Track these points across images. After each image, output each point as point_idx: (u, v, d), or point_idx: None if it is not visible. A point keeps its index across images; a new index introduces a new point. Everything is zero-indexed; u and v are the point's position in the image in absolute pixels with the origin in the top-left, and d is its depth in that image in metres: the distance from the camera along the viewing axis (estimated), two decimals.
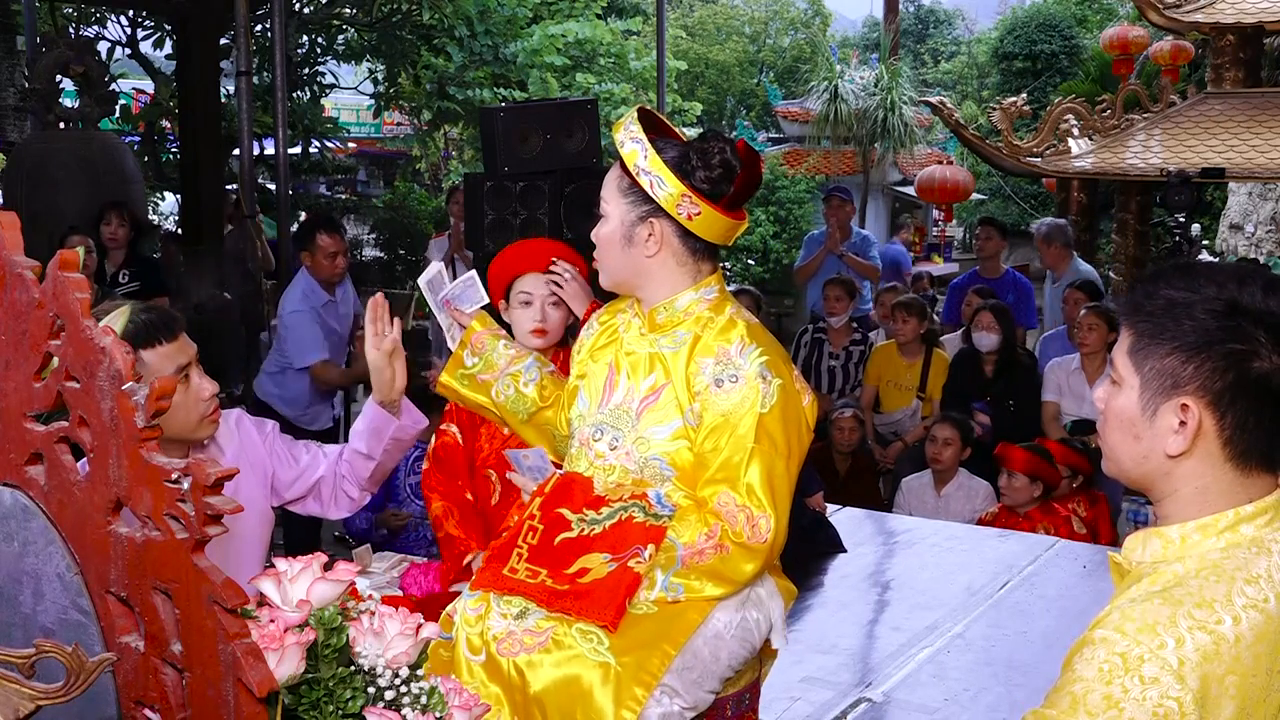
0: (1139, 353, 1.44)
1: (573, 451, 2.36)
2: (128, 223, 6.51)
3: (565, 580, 2.14)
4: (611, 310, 2.46)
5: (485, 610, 2.17)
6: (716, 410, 2.17)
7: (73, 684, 1.24)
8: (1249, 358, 1.38)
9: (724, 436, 2.15)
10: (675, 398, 2.22)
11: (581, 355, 2.43)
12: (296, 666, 1.36)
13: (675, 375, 2.23)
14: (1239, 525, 1.41)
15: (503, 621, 2.14)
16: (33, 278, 1.36)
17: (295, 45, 11.00)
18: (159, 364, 2.29)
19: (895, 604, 3.96)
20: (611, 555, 2.14)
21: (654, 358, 2.27)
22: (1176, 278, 1.44)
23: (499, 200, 5.00)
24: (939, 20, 28.17)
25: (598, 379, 2.34)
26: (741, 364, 2.18)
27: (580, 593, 2.12)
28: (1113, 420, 1.48)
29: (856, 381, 6.62)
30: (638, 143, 2.20)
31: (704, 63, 20.85)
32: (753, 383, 2.16)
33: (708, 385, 2.18)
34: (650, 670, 2.07)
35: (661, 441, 2.21)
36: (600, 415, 2.30)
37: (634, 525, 2.15)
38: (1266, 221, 14.23)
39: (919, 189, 11.92)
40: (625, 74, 12.55)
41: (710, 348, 2.21)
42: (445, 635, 2.21)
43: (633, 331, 2.34)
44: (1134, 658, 1.31)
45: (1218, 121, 8.91)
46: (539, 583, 2.14)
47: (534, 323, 3.01)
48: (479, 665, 2.14)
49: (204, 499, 1.25)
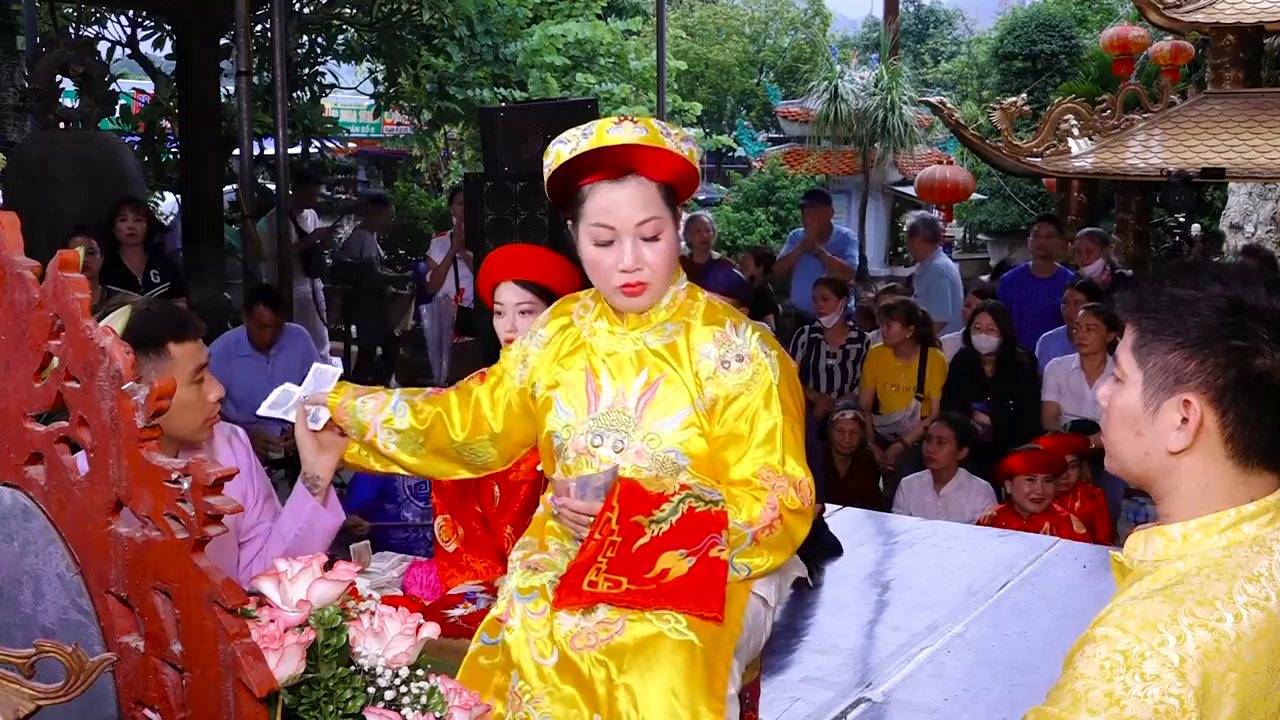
0: (1142, 349, 1.44)
1: (569, 462, 2.30)
2: (145, 219, 6.49)
3: (649, 584, 2.12)
4: (557, 315, 2.41)
5: (549, 612, 2.14)
6: (731, 390, 2.20)
7: (73, 684, 1.24)
8: (1252, 355, 1.38)
9: (747, 414, 2.20)
10: (681, 388, 2.22)
11: (544, 364, 2.35)
12: (296, 666, 1.36)
13: (679, 366, 2.23)
14: (1241, 524, 1.41)
15: (571, 618, 2.12)
16: (33, 278, 1.36)
17: (295, 45, 10.99)
18: (183, 359, 2.28)
19: (895, 604, 3.96)
20: (688, 550, 2.12)
21: (641, 355, 2.26)
22: (1182, 275, 1.45)
23: (499, 200, 5.00)
24: (939, 20, 28.17)
25: (575, 386, 2.30)
26: (741, 342, 2.24)
27: (671, 590, 2.10)
28: (1116, 417, 1.49)
29: (854, 380, 6.62)
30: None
31: (704, 63, 20.85)
32: (758, 358, 2.22)
33: (715, 369, 2.21)
34: (725, 648, 2.12)
35: (672, 433, 2.21)
36: (592, 421, 2.27)
37: (697, 515, 2.14)
38: (1266, 221, 14.23)
39: (919, 189, 11.93)
40: (625, 74, 12.55)
41: (706, 333, 2.24)
42: (489, 640, 2.19)
43: (601, 335, 2.31)
44: (1135, 655, 1.31)
45: (1218, 121, 8.92)
46: (624, 590, 2.11)
47: (505, 332, 3.04)
48: (550, 668, 2.11)
49: (204, 499, 1.25)
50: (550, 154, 2.22)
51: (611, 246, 2.19)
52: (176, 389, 2.21)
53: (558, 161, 2.19)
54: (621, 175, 2.17)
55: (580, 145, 2.16)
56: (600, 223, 2.19)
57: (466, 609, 3.03)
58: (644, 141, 2.16)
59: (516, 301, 3.04)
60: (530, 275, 3.07)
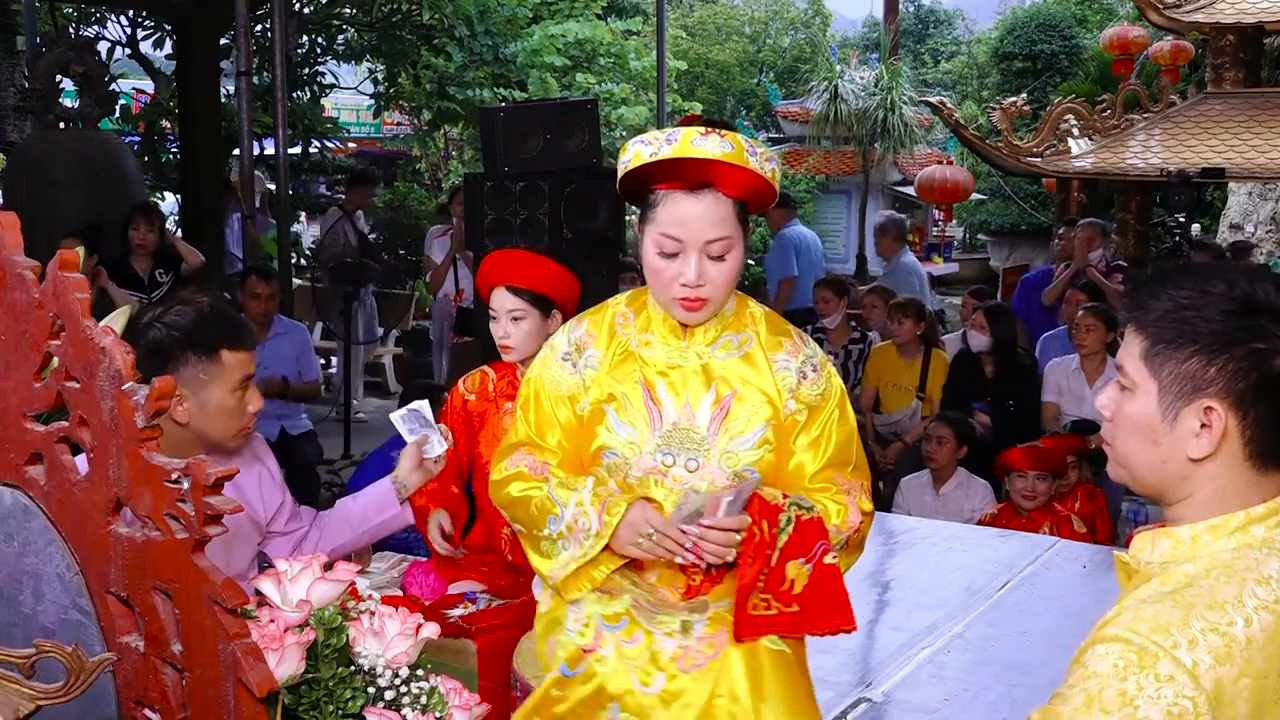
0: (1155, 357, 1.41)
1: (633, 482, 2.16)
2: (157, 227, 6.51)
3: (785, 599, 2.11)
4: (598, 329, 2.24)
5: (645, 639, 2.12)
6: (813, 400, 2.19)
7: (73, 684, 1.24)
8: (1271, 356, 1.37)
9: (827, 421, 2.20)
10: (757, 405, 2.16)
11: (596, 374, 2.20)
12: (296, 666, 1.36)
13: (761, 378, 2.18)
14: (1250, 526, 1.40)
15: (669, 641, 2.12)
16: (33, 278, 1.36)
17: (295, 45, 10.98)
18: (233, 367, 2.27)
19: (895, 604, 3.96)
20: (804, 558, 2.11)
21: (708, 370, 2.17)
22: (1182, 279, 1.43)
23: (499, 200, 5.00)
24: (939, 20, 28.15)
25: (633, 401, 2.17)
26: (811, 351, 2.22)
27: (804, 609, 2.11)
28: (1127, 427, 1.45)
29: (856, 381, 6.62)
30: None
31: (704, 63, 20.83)
32: (826, 366, 2.23)
33: (797, 380, 2.18)
34: (804, 656, 2.20)
35: (748, 451, 2.16)
36: (660, 439, 2.15)
37: (804, 523, 2.12)
38: (1266, 221, 14.23)
39: (919, 189, 11.93)
40: (625, 74, 12.54)
41: (777, 343, 2.20)
42: (569, 671, 2.16)
43: (656, 347, 2.19)
44: (1149, 656, 1.30)
45: (1218, 121, 8.91)
46: (777, 614, 2.11)
47: (499, 337, 3.09)
48: (656, 695, 2.10)
49: (204, 499, 1.25)
50: (629, 151, 2.11)
51: (676, 258, 2.09)
52: (220, 395, 2.24)
53: (636, 162, 2.08)
54: (698, 188, 2.06)
55: (662, 151, 2.06)
56: (668, 233, 2.08)
57: (466, 609, 3.03)
58: (728, 158, 2.04)
59: (509, 308, 3.06)
60: (523, 282, 3.07)
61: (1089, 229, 7.41)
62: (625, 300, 2.28)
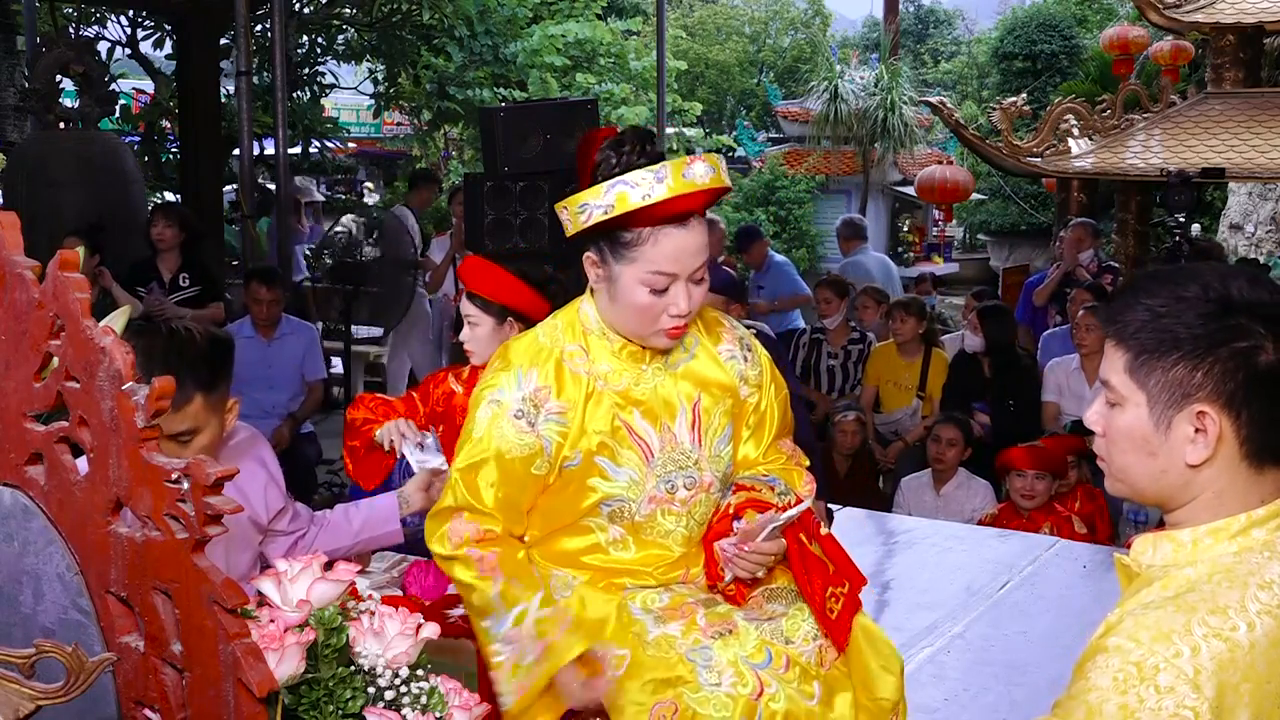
0: (1141, 368, 1.41)
1: (639, 520, 2.13)
2: (175, 224, 6.50)
3: (835, 580, 2.17)
4: (548, 374, 2.09)
5: (790, 665, 2.08)
6: (754, 379, 2.26)
7: (73, 684, 1.24)
8: (1255, 353, 1.37)
9: (769, 396, 2.27)
10: (718, 400, 2.18)
11: (567, 428, 2.07)
12: (296, 666, 1.36)
13: (718, 371, 2.21)
14: (1251, 529, 1.40)
15: (807, 647, 2.12)
16: (33, 278, 1.36)
17: (295, 45, 10.98)
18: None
19: (895, 604, 3.96)
20: (808, 536, 2.19)
21: (669, 386, 2.15)
22: (1154, 287, 1.42)
23: (499, 200, 5.00)
24: (939, 20, 28.17)
25: (623, 443, 2.11)
26: (741, 333, 2.29)
27: (848, 578, 2.19)
28: (1120, 441, 1.45)
29: (856, 381, 6.62)
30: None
31: (704, 63, 20.86)
32: (751, 339, 2.30)
33: (738, 364, 2.24)
34: None
35: (728, 446, 2.21)
36: (659, 469, 2.13)
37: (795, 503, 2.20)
38: (1266, 221, 14.24)
39: (919, 189, 11.94)
40: (625, 74, 12.55)
41: (718, 335, 2.26)
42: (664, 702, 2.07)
43: (619, 377, 2.11)
44: (1149, 667, 1.29)
45: (1218, 121, 8.92)
46: (841, 603, 2.16)
47: (465, 340, 3.17)
48: (817, 705, 2.08)
49: (204, 499, 1.25)
50: (608, 194, 1.96)
51: (666, 292, 2.02)
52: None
53: (623, 207, 1.95)
54: (685, 219, 1.99)
55: (656, 192, 1.93)
56: (663, 270, 2.00)
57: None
58: (715, 183, 1.98)
59: (466, 313, 3.15)
60: (477, 289, 3.15)
61: (1078, 229, 7.42)
62: (563, 335, 2.15)
